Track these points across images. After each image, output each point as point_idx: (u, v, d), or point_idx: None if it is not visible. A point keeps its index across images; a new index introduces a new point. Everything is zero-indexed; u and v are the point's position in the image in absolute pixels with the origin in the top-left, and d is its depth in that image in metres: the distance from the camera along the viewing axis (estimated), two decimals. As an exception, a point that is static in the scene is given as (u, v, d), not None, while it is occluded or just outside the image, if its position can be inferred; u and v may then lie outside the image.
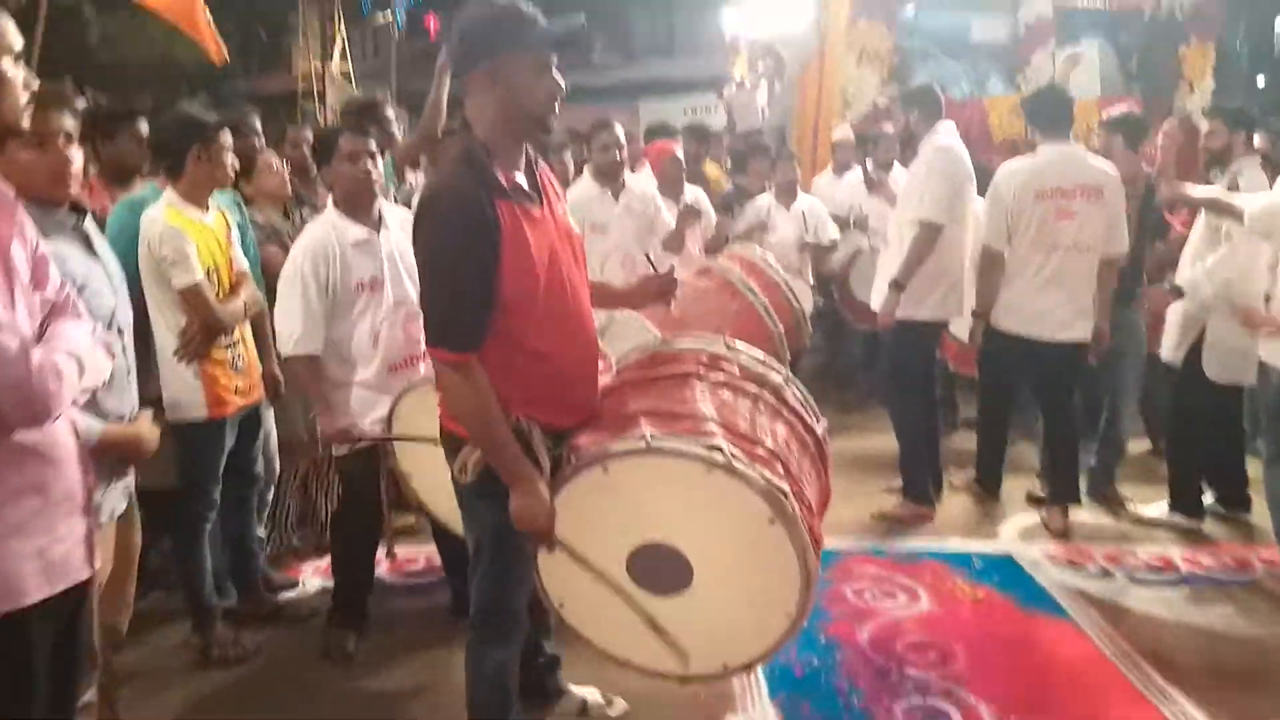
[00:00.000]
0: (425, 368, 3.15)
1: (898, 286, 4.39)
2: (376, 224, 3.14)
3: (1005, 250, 4.40)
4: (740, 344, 2.49)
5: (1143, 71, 8.58)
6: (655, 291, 2.60)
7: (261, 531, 3.83)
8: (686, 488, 2.10)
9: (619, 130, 4.67)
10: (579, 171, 5.61)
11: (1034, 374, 4.59)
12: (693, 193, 5.72)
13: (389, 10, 18.39)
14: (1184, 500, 4.56)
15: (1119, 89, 8.23)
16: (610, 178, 4.65)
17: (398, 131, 4.41)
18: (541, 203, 2.15)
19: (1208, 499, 4.66)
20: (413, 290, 3.15)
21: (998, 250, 4.41)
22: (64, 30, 14.90)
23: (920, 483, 4.68)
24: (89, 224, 2.19)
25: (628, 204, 4.69)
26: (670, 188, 5.44)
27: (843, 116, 8.36)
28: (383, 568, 3.81)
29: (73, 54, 15.25)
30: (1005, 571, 4.07)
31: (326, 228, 3.09)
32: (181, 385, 3.11)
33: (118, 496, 2.21)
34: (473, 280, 1.99)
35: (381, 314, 3.10)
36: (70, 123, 2.10)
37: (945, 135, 4.51)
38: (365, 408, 3.12)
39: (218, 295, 3.15)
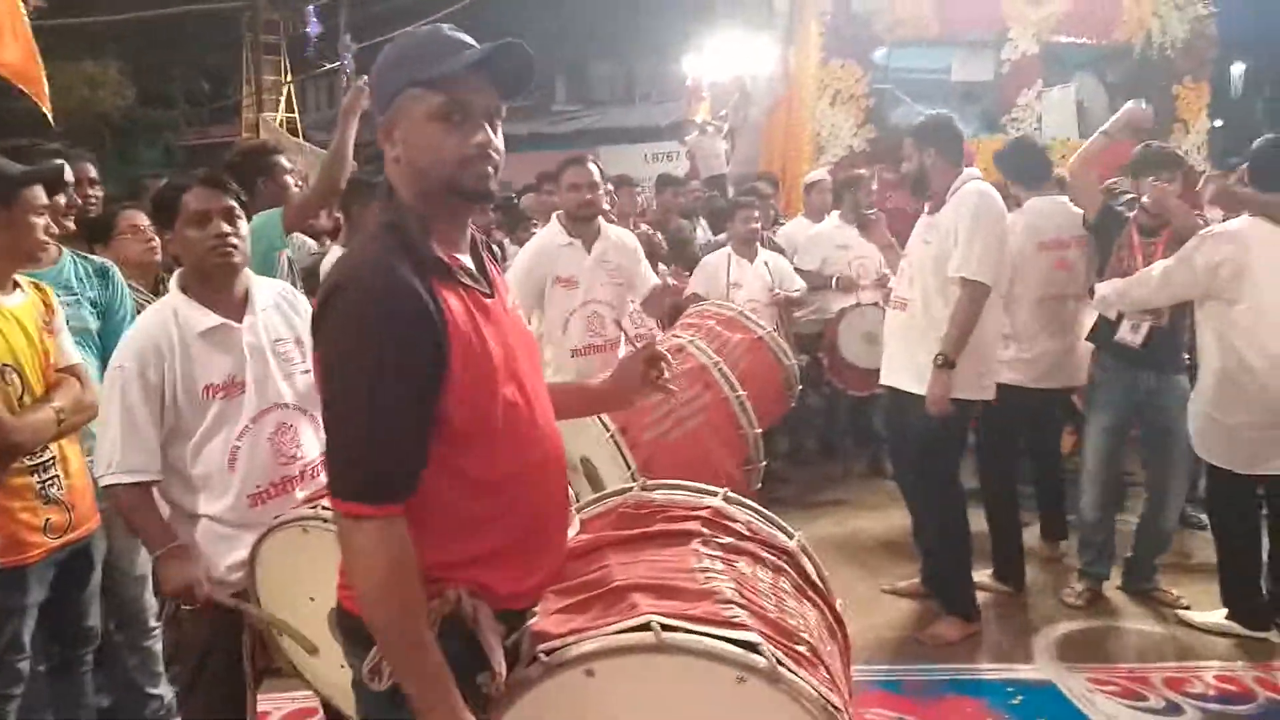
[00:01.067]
0: (303, 493, 2.37)
1: (949, 364, 3.57)
2: (239, 306, 2.36)
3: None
4: (739, 498, 2.00)
5: (1132, 111, 8.06)
6: (639, 381, 1.92)
7: (164, 689, 2.99)
8: (705, 702, 1.54)
9: (593, 168, 3.93)
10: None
11: (1030, 427, 4.49)
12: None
13: (343, 60, 17.79)
14: (1241, 607, 3.84)
15: (1108, 130, 7.69)
16: (582, 222, 3.92)
17: (293, 183, 3.63)
18: (493, 294, 1.59)
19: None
20: (286, 390, 2.37)
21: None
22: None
23: (967, 594, 3.89)
24: None
25: (603, 254, 3.95)
26: None
27: (815, 161, 7.77)
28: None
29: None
30: (1051, 708, 3.32)
31: (164, 314, 2.29)
32: (-36, 523, 2.29)
33: None
34: (405, 399, 1.41)
35: (240, 425, 2.31)
36: None
37: (978, 179, 3.78)
38: (219, 549, 2.31)
39: (20, 401, 2.36)
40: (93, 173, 2.98)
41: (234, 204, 2.37)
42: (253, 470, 2.31)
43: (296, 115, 17.50)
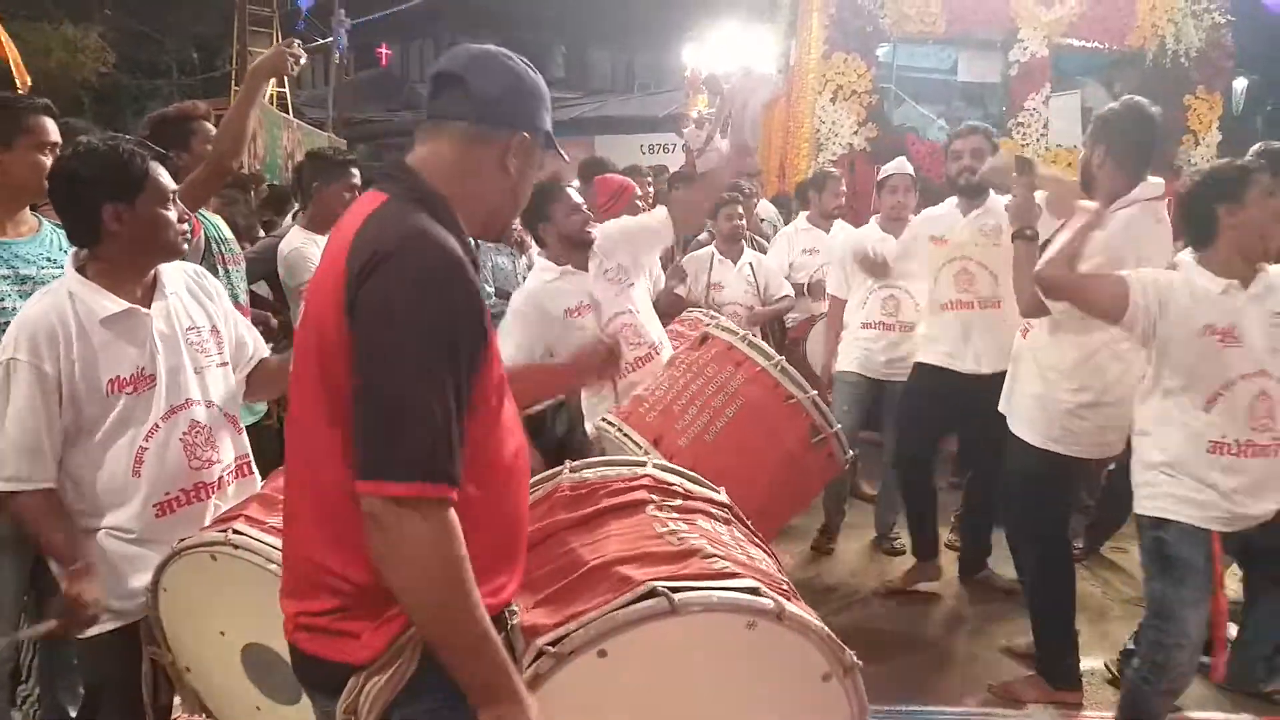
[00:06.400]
0: (216, 507, 2.10)
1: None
2: (147, 290, 2.10)
3: None
4: (665, 463, 2.12)
5: (1140, 121, 7.81)
6: (597, 365, 2.14)
7: None
8: (719, 655, 1.61)
9: (573, 194, 3.49)
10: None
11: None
12: None
13: (336, 35, 17.45)
14: None
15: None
16: (582, 246, 3.48)
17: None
18: None
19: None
20: (201, 385, 2.11)
21: None
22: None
23: (1061, 658, 3.34)
24: None
25: (599, 265, 3.50)
26: None
27: (814, 158, 7.52)
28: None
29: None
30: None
31: (58, 299, 2.01)
32: None
33: None
34: (466, 374, 1.36)
35: (149, 424, 2.04)
36: None
37: (1140, 203, 3.05)
38: (120, 569, 2.04)
39: None
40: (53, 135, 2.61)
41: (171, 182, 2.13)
42: (161, 476, 2.05)
43: (288, 90, 17.13)
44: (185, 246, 2.16)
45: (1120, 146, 3.03)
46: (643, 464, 2.02)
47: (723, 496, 2.01)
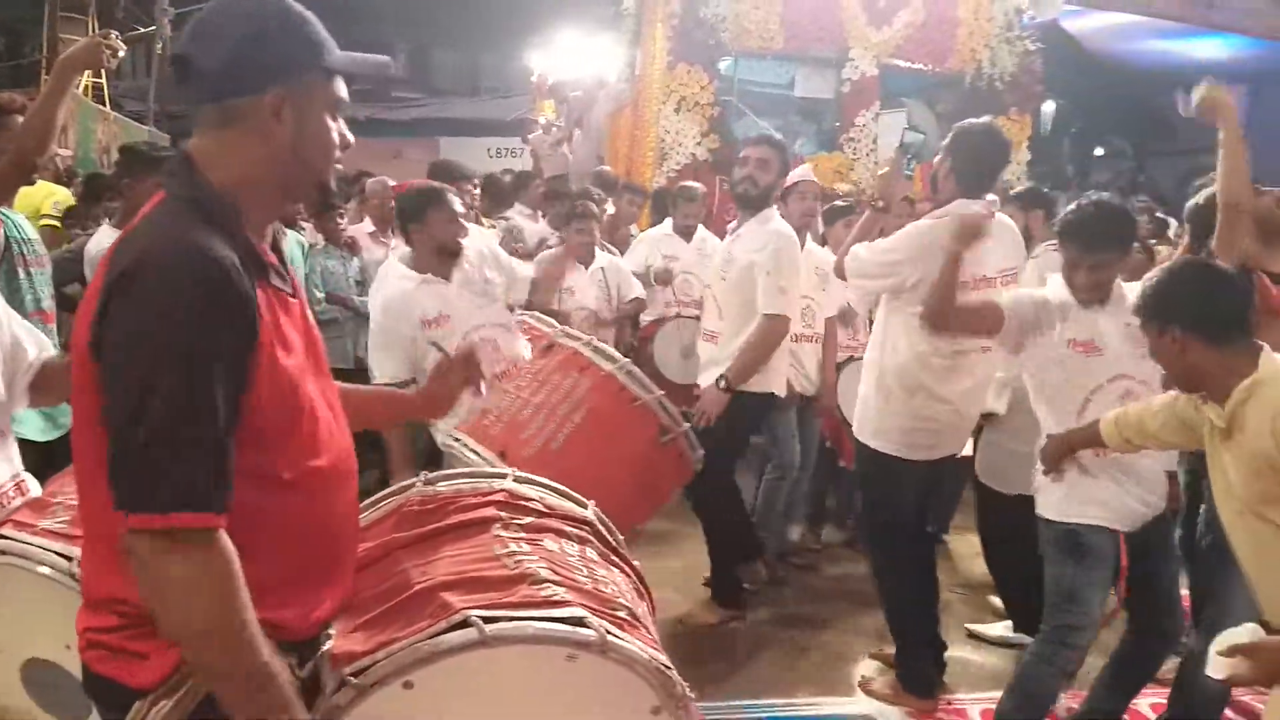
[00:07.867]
0: (20, 534, 1.93)
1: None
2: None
3: None
4: (530, 476, 1.97)
5: (959, 140, 8.35)
6: (455, 384, 1.95)
7: None
8: (537, 688, 1.52)
9: (454, 202, 3.44)
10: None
11: None
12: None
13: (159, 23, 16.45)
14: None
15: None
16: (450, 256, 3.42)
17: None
18: (295, 294, 1.48)
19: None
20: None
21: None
22: None
23: (918, 665, 3.44)
24: None
25: (466, 274, 3.43)
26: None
27: (658, 168, 7.63)
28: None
29: None
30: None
31: None
32: None
33: None
34: (227, 397, 1.26)
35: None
36: None
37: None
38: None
39: None
40: None
41: None
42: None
43: (104, 81, 16.02)
44: None
45: (965, 162, 3.19)
46: (503, 476, 1.94)
47: (586, 512, 1.92)
